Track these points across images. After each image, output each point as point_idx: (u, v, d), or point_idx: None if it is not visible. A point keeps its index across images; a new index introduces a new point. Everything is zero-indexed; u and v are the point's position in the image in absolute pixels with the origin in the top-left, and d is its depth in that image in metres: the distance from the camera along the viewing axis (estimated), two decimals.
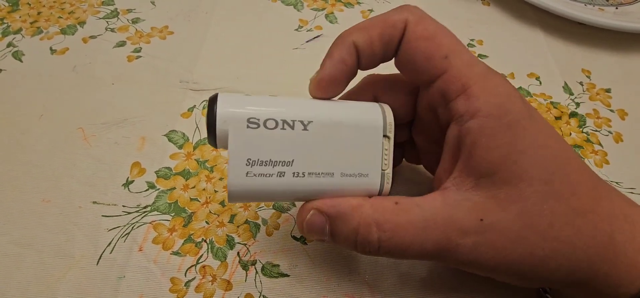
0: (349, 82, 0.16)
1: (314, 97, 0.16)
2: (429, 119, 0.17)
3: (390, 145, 0.15)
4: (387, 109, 0.16)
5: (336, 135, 0.15)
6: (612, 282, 0.14)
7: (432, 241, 0.14)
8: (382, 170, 0.15)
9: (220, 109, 0.14)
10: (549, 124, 0.15)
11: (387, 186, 0.16)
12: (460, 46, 0.15)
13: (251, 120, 0.14)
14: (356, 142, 0.15)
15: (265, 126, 0.14)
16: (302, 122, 0.14)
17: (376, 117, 0.15)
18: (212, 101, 0.14)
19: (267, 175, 0.14)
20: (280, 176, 0.14)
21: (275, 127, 0.14)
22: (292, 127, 0.14)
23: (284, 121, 0.14)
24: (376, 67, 0.17)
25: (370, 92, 0.18)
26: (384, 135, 0.15)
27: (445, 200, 0.14)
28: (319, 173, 0.15)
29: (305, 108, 0.15)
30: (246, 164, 0.14)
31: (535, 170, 0.14)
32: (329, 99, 0.16)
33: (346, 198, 0.15)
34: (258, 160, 0.14)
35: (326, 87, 0.15)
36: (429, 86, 0.16)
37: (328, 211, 0.15)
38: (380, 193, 0.16)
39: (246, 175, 0.14)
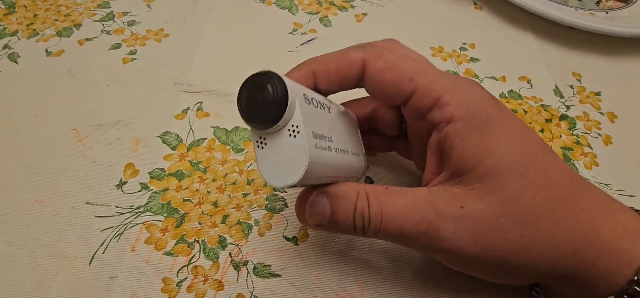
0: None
1: None
2: (413, 128, 0.18)
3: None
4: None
5: (342, 121, 0.17)
6: (600, 271, 0.15)
7: (413, 222, 0.15)
8: (363, 152, 0.19)
9: (287, 81, 0.13)
10: (522, 122, 0.16)
11: (366, 165, 0.18)
12: (423, 67, 0.16)
13: (306, 95, 0.14)
14: (349, 129, 0.18)
15: (313, 104, 0.15)
16: (327, 106, 0.16)
17: (352, 113, 0.19)
18: (265, 75, 0.13)
19: (325, 148, 0.14)
20: (329, 150, 0.15)
21: (318, 107, 0.15)
22: (326, 109, 0.16)
23: (320, 102, 0.15)
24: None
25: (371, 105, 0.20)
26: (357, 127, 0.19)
27: (430, 190, 0.16)
28: (344, 151, 0.16)
29: None
30: (313, 137, 0.14)
31: (511, 165, 0.15)
32: None
33: (343, 183, 0.16)
34: (318, 134, 0.14)
35: None
36: (404, 106, 0.17)
37: (330, 191, 0.16)
38: (364, 170, 0.18)
39: (315, 148, 0.14)
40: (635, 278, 0.14)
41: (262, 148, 0.14)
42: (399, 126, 0.20)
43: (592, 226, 0.15)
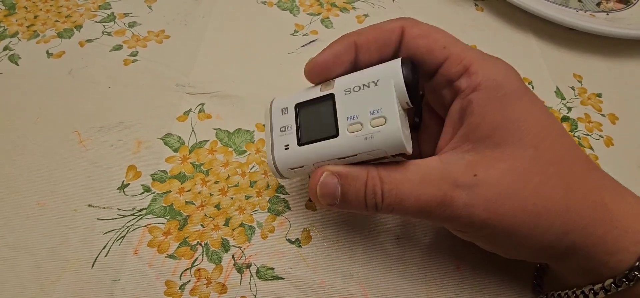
0: (339, 75, 0.17)
1: (307, 78, 0.18)
2: (434, 100, 0.19)
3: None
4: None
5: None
6: (609, 247, 0.15)
7: (428, 194, 0.15)
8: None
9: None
10: (542, 103, 0.17)
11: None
12: (454, 38, 0.17)
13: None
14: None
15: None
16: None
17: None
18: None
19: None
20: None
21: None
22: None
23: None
24: None
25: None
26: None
27: (442, 160, 0.16)
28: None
29: None
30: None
31: (526, 137, 0.15)
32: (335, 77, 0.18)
33: (351, 165, 0.16)
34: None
35: (318, 72, 0.18)
36: (433, 76, 0.17)
37: (340, 171, 0.16)
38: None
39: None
40: None
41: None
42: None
43: (603, 204, 0.15)
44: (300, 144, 0.17)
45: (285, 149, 0.17)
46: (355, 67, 0.17)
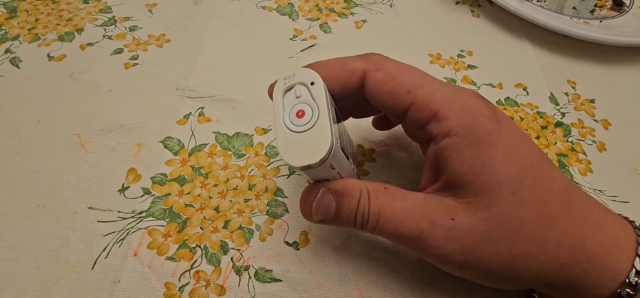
0: None
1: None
2: (412, 136, 0.19)
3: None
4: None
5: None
6: (587, 283, 0.15)
7: (407, 226, 0.16)
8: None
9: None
10: (521, 133, 0.16)
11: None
12: (421, 78, 0.17)
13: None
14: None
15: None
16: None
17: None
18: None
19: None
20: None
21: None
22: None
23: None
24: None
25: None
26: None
27: (426, 198, 0.16)
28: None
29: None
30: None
31: (504, 181, 0.15)
32: None
33: (346, 180, 0.17)
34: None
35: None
36: (403, 117, 0.17)
37: (336, 189, 0.16)
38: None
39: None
40: (619, 291, 0.15)
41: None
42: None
43: (580, 241, 0.15)
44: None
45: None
46: None
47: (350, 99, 0.18)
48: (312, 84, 0.16)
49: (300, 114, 0.15)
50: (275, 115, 0.16)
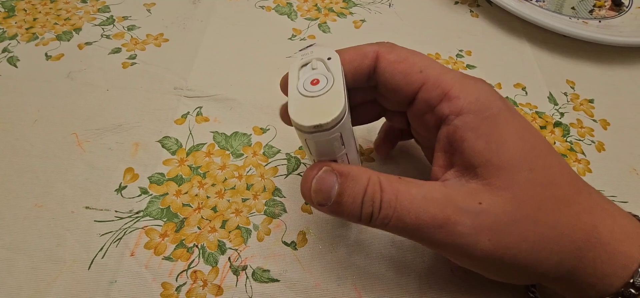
0: None
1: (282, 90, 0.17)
2: (419, 124, 0.18)
3: None
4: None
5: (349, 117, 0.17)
6: (598, 271, 0.15)
7: (430, 214, 0.14)
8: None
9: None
10: (526, 120, 0.16)
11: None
12: (431, 61, 0.17)
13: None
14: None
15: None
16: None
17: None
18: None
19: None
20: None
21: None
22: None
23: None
24: None
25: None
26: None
27: (445, 184, 0.15)
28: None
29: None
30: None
31: (520, 159, 0.15)
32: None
33: (354, 165, 0.16)
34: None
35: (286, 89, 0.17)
36: (412, 101, 0.17)
37: (340, 170, 0.15)
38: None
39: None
40: (632, 280, 0.14)
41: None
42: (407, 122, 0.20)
43: (593, 226, 0.15)
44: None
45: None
46: None
47: (360, 84, 0.17)
48: (329, 59, 0.16)
49: (314, 82, 0.15)
50: (289, 83, 0.15)
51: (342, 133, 0.14)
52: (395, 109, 0.19)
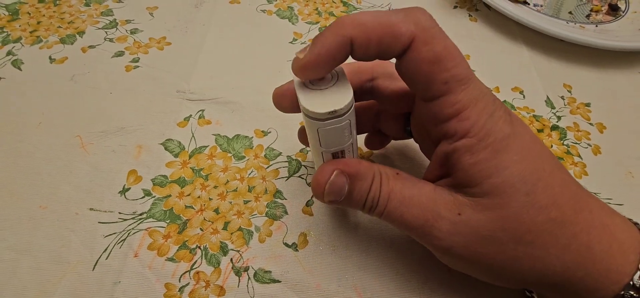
0: (331, 70, 0.16)
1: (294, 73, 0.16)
2: (422, 120, 0.18)
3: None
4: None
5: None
6: (588, 287, 0.15)
7: (412, 214, 0.16)
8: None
9: None
10: (534, 137, 0.16)
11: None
12: (464, 72, 0.15)
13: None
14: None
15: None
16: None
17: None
18: None
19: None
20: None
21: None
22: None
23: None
24: None
25: (370, 72, 0.19)
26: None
27: (435, 189, 0.16)
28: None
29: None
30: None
31: (517, 183, 0.15)
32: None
33: (359, 160, 0.17)
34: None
35: (309, 72, 0.15)
36: (426, 105, 0.16)
37: (350, 171, 0.16)
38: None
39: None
40: (622, 294, 0.15)
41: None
42: (404, 130, 0.21)
43: (587, 247, 0.15)
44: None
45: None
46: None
47: (385, 63, 0.17)
48: None
49: (320, 79, 0.16)
50: (296, 83, 0.16)
51: (350, 120, 0.16)
52: (394, 109, 0.19)
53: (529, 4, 0.36)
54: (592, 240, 0.15)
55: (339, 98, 0.15)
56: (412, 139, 0.21)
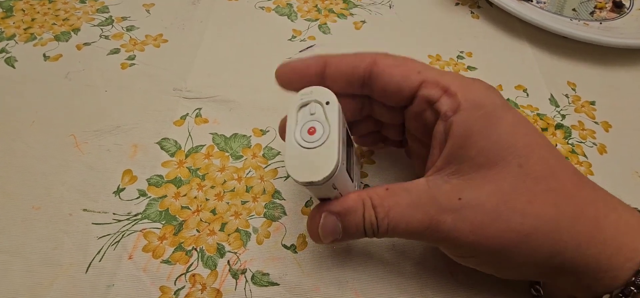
0: (303, 86, 0.17)
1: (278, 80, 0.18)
2: (417, 125, 0.18)
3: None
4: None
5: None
6: (603, 265, 0.15)
7: (417, 219, 0.16)
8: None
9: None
10: (524, 118, 0.17)
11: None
12: (428, 65, 0.18)
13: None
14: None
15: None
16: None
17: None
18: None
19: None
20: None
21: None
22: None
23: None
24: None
25: (368, 106, 0.19)
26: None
27: (429, 183, 0.16)
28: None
29: None
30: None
31: (510, 155, 0.15)
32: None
33: (346, 196, 0.17)
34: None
35: (285, 77, 0.18)
36: (412, 100, 0.17)
37: (337, 210, 0.16)
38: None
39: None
40: (639, 270, 0.14)
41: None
42: (403, 130, 0.20)
43: (596, 220, 0.15)
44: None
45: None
46: (321, 83, 0.17)
47: (355, 90, 0.18)
48: (327, 103, 0.16)
49: (311, 131, 0.15)
50: (287, 128, 0.16)
51: (334, 183, 0.15)
52: (391, 119, 0.19)
53: (532, 1, 0.36)
54: (599, 215, 0.15)
55: (322, 165, 0.15)
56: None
